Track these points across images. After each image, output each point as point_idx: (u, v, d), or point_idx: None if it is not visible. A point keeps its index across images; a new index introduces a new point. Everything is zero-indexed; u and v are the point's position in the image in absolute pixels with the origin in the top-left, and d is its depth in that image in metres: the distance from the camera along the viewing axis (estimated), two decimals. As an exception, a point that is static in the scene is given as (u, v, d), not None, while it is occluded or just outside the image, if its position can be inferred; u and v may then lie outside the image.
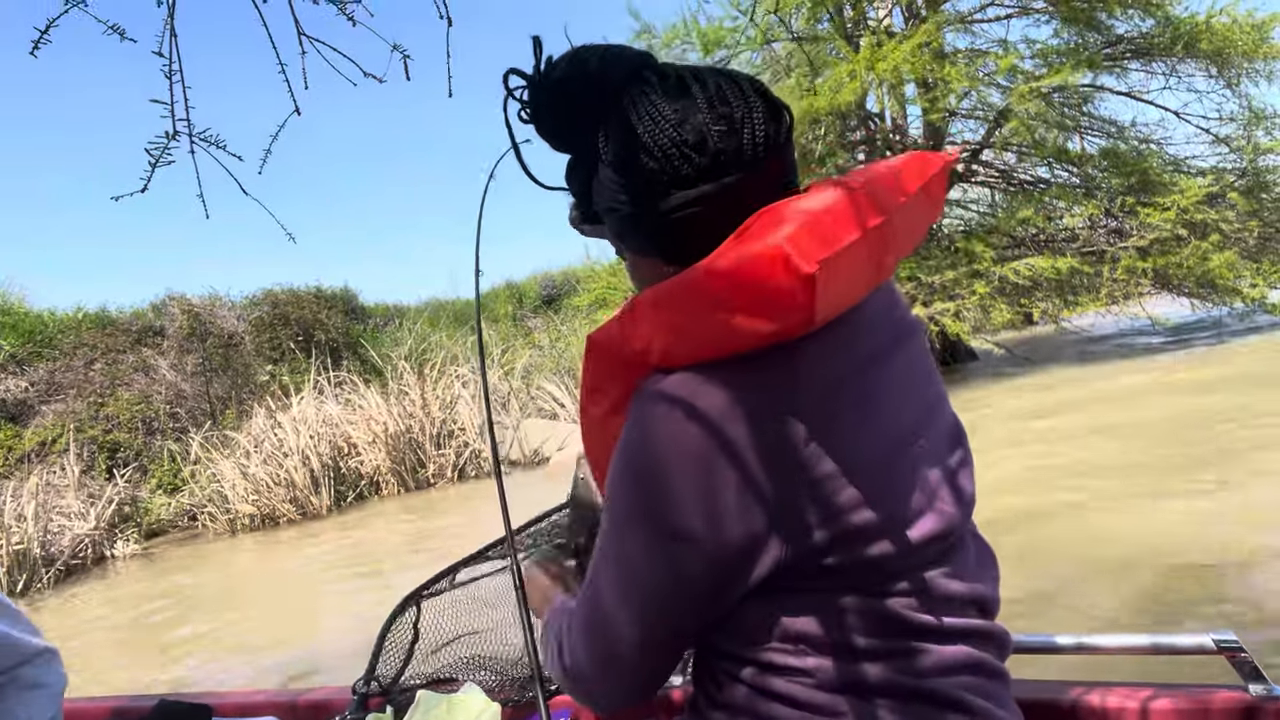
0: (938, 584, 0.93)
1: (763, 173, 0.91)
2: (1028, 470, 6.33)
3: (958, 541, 0.99)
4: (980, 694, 0.94)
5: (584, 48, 1.00)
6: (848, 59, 12.56)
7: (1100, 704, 1.29)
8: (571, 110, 0.98)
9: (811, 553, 0.88)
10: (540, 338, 18.86)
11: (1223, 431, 6.52)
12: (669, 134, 0.89)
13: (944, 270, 12.12)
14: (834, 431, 0.88)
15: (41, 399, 13.79)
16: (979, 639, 0.96)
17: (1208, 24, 11.97)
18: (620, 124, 0.93)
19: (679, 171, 0.90)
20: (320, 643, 5.40)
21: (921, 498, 0.93)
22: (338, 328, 17.70)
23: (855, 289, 0.91)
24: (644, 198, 0.92)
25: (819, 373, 0.90)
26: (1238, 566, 3.87)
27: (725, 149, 0.89)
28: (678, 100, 0.91)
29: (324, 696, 1.89)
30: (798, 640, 0.91)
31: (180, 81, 1.49)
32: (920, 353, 1.04)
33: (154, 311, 16.30)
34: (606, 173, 0.97)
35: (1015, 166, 14.11)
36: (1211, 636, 1.25)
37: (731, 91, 0.92)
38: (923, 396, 1.01)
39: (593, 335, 0.95)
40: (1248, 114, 12.94)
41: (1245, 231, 12.09)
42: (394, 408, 12.37)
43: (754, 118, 0.90)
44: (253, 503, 11.36)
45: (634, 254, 1.02)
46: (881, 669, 0.90)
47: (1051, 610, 3.72)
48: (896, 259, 0.95)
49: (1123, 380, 10.18)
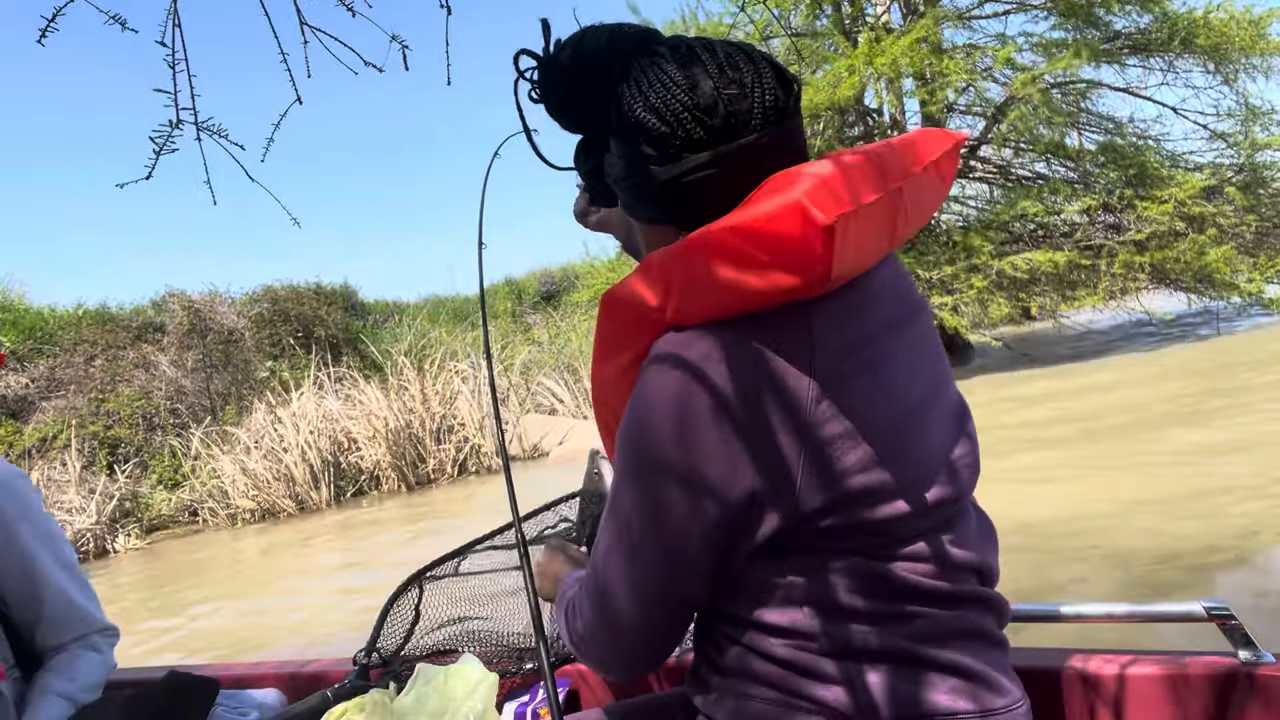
0: (940, 550, 0.94)
1: (773, 137, 0.91)
2: (1025, 462, 6.35)
3: (961, 510, 1.00)
4: (980, 660, 0.94)
5: (591, 27, 1.02)
6: (846, 54, 12.57)
7: (1091, 670, 1.31)
8: (581, 87, 0.99)
9: (817, 513, 0.88)
10: (539, 334, 18.86)
11: (1218, 419, 6.54)
12: (680, 98, 0.89)
13: (942, 265, 12.13)
14: (846, 393, 0.89)
15: (42, 395, 13.79)
16: (979, 606, 0.97)
17: (1205, 19, 11.98)
18: (630, 93, 0.93)
19: (691, 135, 0.90)
20: (317, 635, 5.42)
21: (928, 465, 0.94)
22: (337, 324, 17.69)
23: (870, 251, 0.91)
24: (656, 163, 0.92)
25: (834, 334, 0.90)
26: (1236, 560, 3.90)
27: (736, 111, 0.89)
28: (688, 67, 0.91)
29: (324, 667, 1.92)
30: (800, 603, 0.92)
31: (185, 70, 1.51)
32: (929, 330, 1.05)
33: (154, 308, 16.29)
34: (617, 143, 0.97)
35: (1013, 162, 14.12)
36: (1202, 604, 1.26)
37: (741, 58, 0.92)
38: (931, 370, 1.01)
39: (608, 291, 0.95)
40: (1245, 110, 12.95)
41: (1242, 226, 12.12)
42: (394, 403, 12.38)
43: (764, 83, 0.91)
44: (253, 498, 11.37)
45: (647, 223, 1.01)
46: (882, 633, 0.91)
47: (1046, 596, 3.74)
48: (908, 229, 0.96)
49: (1119, 373, 10.20)
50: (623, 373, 0.97)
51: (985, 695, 0.93)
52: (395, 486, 11.92)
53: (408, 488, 11.89)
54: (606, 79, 0.97)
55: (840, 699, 0.90)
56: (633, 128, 0.93)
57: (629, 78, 0.94)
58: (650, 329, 0.93)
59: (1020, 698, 0.96)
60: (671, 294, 0.89)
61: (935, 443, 0.97)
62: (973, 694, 0.92)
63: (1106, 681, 1.30)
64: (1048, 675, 1.34)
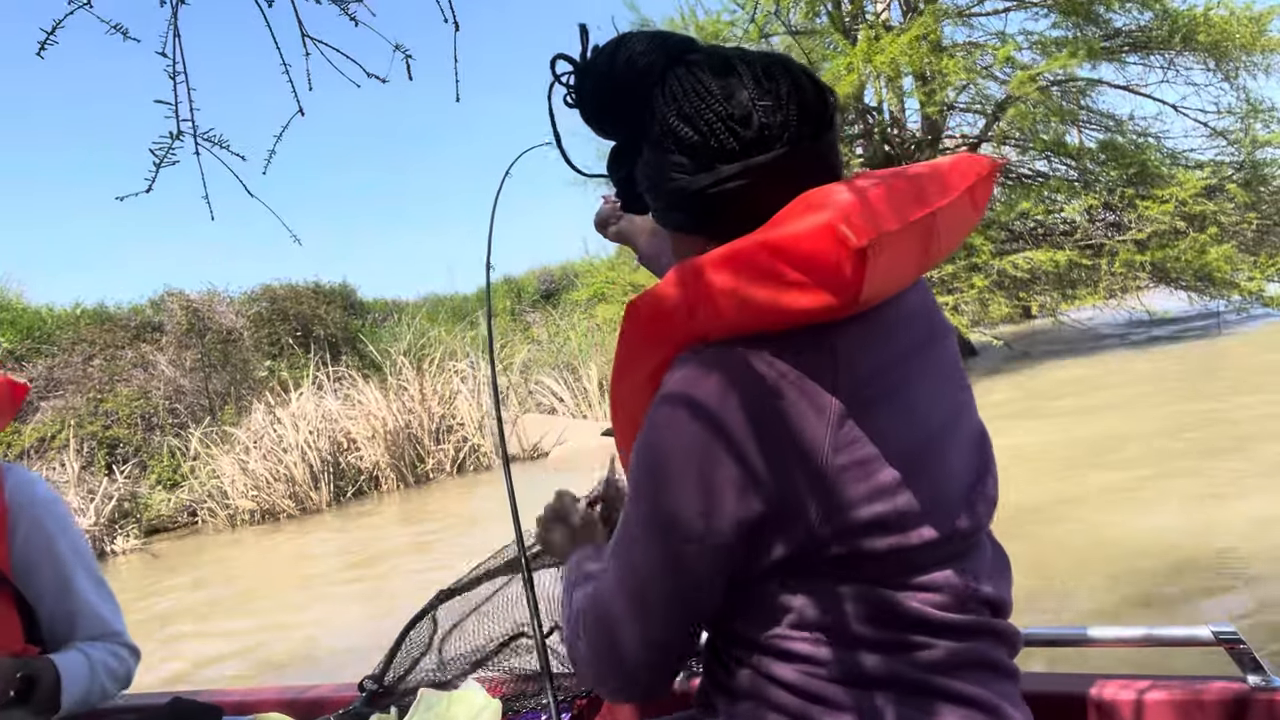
0: (953, 582, 0.93)
1: (807, 150, 0.91)
2: (1027, 464, 6.35)
3: (977, 542, 0.99)
4: (991, 691, 0.93)
5: (629, 34, 1.02)
6: (845, 52, 12.55)
7: (1099, 695, 1.30)
8: (617, 93, 0.99)
9: (832, 539, 0.87)
10: (539, 333, 18.86)
11: (1222, 421, 6.53)
12: (714, 108, 0.90)
13: (942, 264, 12.11)
14: (867, 419, 0.88)
15: (40, 395, 13.77)
16: (991, 638, 0.96)
17: (1206, 17, 11.97)
18: (665, 101, 0.94)
19: (724, 145, 0.89)
20: (318, 636, 5.41)
21: (946, 495, 0.93)
22: (336, 323, 17.68)
23: (900, 276, 0.91)
24: (688, 171, 0.92)
25: (858, 358, 0.90)
26: (1240, 559, 3.88)
27: (770, 124, 0.89)
28: (724, 76, 0.91)
29: (327, 693, 1.90)
30: (810, 628, 0.91)
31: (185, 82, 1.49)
32: (953, 356, 1.04)
33: (152, 307, 16.27)
34: (650, 151, 0.97)
35: (1013, 162, 14.11)
36: (1210, 629, 1.26)
37: (779, 70, 0.92)
38: (954, 398, 1.01)
39: (633, 300, 0.95)
40: (1246, 107, 12.94)
41: (1243, 224, 12.11)
42: (393, 403, 12.36)
43: (800, 95, 0.91)
44: (252, 498, 11.36)
45: (677, 232, 1.01)
46: (892, 662, 0.90)
47: (1049, 605, 3.73)
48: (940, 255, 0.95)
49: (1120, 372, 10.19)
50: (644, 383, 0.96)
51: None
52: (394, 486, 11.92)
53: (407, 487, 11.88)
54: (642, 86, 0.97)
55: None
56: (665, 135, 0.93)
57: (664, 86, 0.94)
58: (673, 340, 0.92)
59: None
60: (698, 306, 0.88)
61: (954, 472, 0.96)
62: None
63: (1115, 707, 1.29)
64: (1059, 701, 1.32)
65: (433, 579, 6.37)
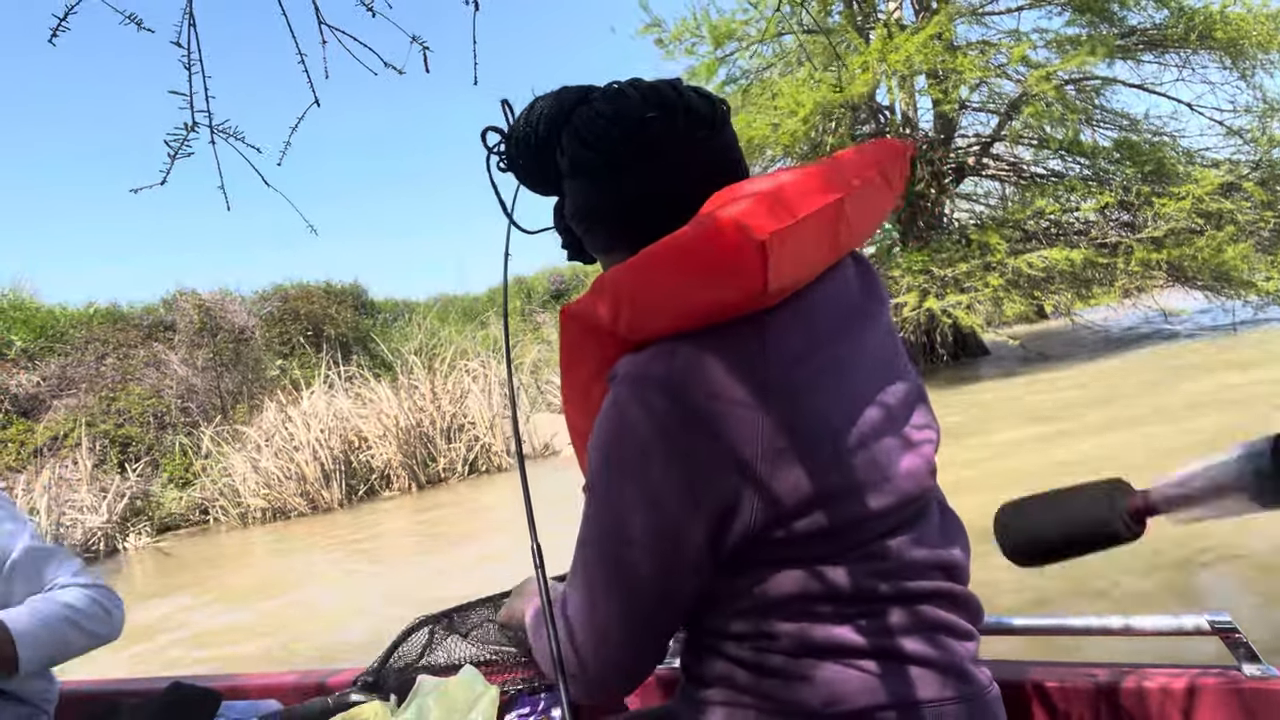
0: (904, 550, 0.95)
1: (704, 151, 0.98)
2: (1038, 463, 6.30)
3: (924, 508, 1.01)
4: (948, 653, 0.95)
5: (539, 96, 1.09)
6: (860, 51, 12.50)
7: (1094, 684, 1.29)
8: (539, 150, 1.06)
9: (779, 521, 0.89)
10: (549, 332, 18.89)
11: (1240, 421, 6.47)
12: (610, 131, 0.98)
13: (956, 263, 12.06)
14: (799, 401, 0.90)
15: (53, 393, 13.89)
16: (946, 602, 0.98)
17: (1222, 14, 11.86)
18: (570, 139, 1.02)
19: (622, 159, 0.98)
20: (327, 633, 5.42)
21: (884, 467, 0.95)
22: (347, 322, 17.79)
23: (812, 262, 0.94)
24: (598, 192, 1.01)
25: (787, 344, 0.92)
26: (1246, 559, 3.85)
27: (662, 129, 0.97)
28: (615, 101, 1.00)
29: (326, 679, 1.90)
30: (770, 610, 0.93)
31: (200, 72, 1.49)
32: (887, 328, 1.07)
33: (165, 307, 16.42)
34: (569, 186, 1.05)
35: (1027, 161, 14.03)
36: (1207, 618, 1.26)
37: (665, 87, 1.00)
38: (888, 369, 1.03)
39: (565, 307, 0.98)
40: (1262, 105, 12.81)
41: (1260, 223, 11.99)
42: (404, 402, 12.39)
43: (687, 102, 0.98)
44: (264, 496, 11.41)
45: (606, 254, 1.07)
46: (849, 632, 0.92)
47: (1048, 596, 3.70)
48: (854, 239, 1.00)
49: (1136, 373, 10.12)
50: (586, 386, 1.00)
51: (954, 684, 0.95)
52: (406, 485, 11.94)
53: (418, 487, 11.90)
54: (554, 137, 1.04)
55: (815, 698, 0.92)
56: (576, 168, 1.02)
57: (570, 127, 1.02)
58: (606, 343, 0.96)
59: (988, 685, 0.99)
60: (622, 310, 0.92)
61: (894, 443, 0.98)
62: (941, 684, 0.94)
63: (1111, 696, 1.29)
64: (1055, 690, 1.32)
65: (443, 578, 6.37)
